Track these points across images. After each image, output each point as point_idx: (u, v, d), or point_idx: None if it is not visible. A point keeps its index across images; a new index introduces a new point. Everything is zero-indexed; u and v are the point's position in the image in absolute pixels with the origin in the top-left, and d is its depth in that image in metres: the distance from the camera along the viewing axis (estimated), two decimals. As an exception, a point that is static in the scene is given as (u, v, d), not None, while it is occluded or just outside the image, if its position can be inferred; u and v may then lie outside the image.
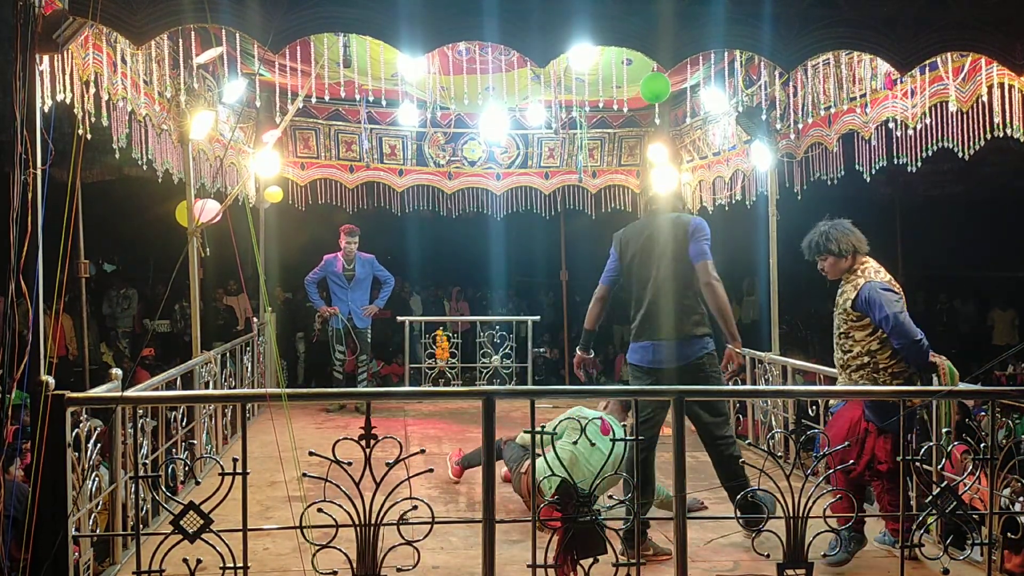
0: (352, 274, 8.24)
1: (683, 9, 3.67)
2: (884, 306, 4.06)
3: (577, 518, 3.40)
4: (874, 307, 4.09)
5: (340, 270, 8.23)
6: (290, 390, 3.84)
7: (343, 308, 8.20)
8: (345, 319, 8.15)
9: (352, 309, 8.22)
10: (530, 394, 4.23)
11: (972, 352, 13.42)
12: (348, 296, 8.23)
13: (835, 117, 5.73)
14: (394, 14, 3.51)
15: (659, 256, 4.36)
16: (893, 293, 4.14)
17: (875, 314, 4.09)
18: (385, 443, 3.36)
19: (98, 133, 4.40)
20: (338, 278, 8.24)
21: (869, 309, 4.11)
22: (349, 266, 8.24)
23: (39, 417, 3.25)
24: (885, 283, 4.17)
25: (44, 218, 3.35)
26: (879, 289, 4.11)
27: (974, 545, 3.82)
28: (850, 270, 4.27)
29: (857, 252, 4.30)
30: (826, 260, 4.32)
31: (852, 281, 4.23)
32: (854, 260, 4.29)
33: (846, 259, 4.29)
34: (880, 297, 4.08)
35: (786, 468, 3.58)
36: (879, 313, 4.07)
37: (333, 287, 8.29)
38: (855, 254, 4.29)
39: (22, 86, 3.32)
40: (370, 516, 3.29)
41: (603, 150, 9.15)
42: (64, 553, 3.29)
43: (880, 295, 4.09)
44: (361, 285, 8.31)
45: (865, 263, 4.28)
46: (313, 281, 8.36)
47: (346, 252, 8.23)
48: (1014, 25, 3.76)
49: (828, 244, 4.31)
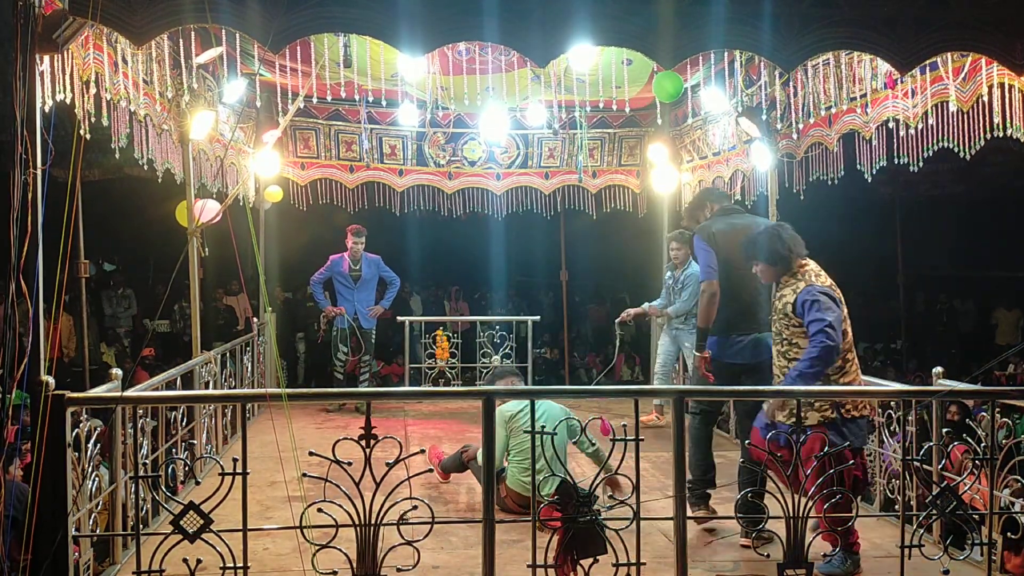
0: (358, 274, 8.23)
1: (683, 9, 3.67)
2: (819, 311, 3.93)
3: (577, 518, 3.40)
4: (809, 310, 3.96)
5: (346, 270, 8.22)
6: (290, 390, 3.84)
7: (349, 308, 8.18)
8: (351, 319, 8.15)
9: (358, 309, 8.22)
10: (530, 394, 4.25)
11: (973, 352, 13.44)
12: (354, 296, 8.22)
13: (835, 117, 5.73)
14: (394, 14, 3.51)
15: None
16: (830, 299, 4.01)
17: (807, 317, 3.96)
18: (385, 443, 3.36)
19: (98, 133, 4.40)
20: (344, 278, 8.23)
21: (804, 312, 3.98)
22: (355, 266, 8.23)
23: (39, 417, 3.25)
24: (825, 287, 4.05)
25: (44, 217, 3.36)
26: (817, 293, 3.99)
27: (974, 545, 3.82)
28: (790, 273, 4.15)
29: (793, 255, 4.14)
30: (759, 266, 4.19)
31: (792, 285, 4.10)
32: (792, 264, 4.14)
33: (778, 265, 4.14)
34: (818, 301, 3.96)
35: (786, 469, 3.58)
36: (811, 316, 3.94)
37: (339, 287, 8.28)
38: (792, 257, 4.14)
39: (22, 86, 3.32)
40: (370, 516, 3.29)
41: (603, 150, 9.15)
42: (64, 553, 3.29)
43: (818, 299, 3.97)
44: (367, 286, 8.30)
45: (806, 266, 4.14)
46: (319, 281, 8.34)
47: (353, 252, 8.22)
48: (1014, 25, 3.76)
49: (763, 248, 4.17)
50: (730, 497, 4.03)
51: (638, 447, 3.49)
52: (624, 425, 3.49)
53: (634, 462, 3.44)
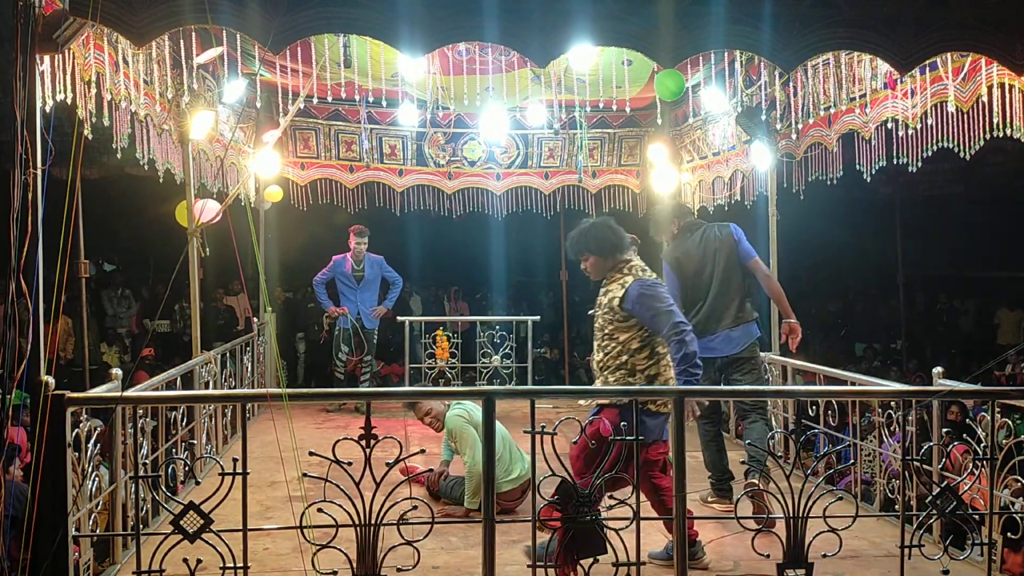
0: (361, 275, 8.25)
1: (683, 9, 3.67)
2: (654, 304, 3.93)
3: (577, 518, 3.40)
4: (643, 305, 3.94)
5: (349, 271, 8.23)
6: (290, 390, 3.84)
7: (352, 309, 8.20)
8: (354, 319, 8.16)
9: (361, 310, 8.24)
10: (530, 394, 4.24)
11: (974, 352, 13.44)
12: (357, 297, 8.24)
13: (835, 117, 5.74)
14: (394, 15, 3.51)
15: (713, 262, 5.14)
16: (662, 290, 4.03)
17: (644, 313, 3.95)
18: (385, 443, 3.36)
19: (98, 133, 4.40)
20: (347, 279, 8.24)
21: (638, 308, 3.96)
22: (359, 267, 8.25)
23: (39, 417, 3.25)
24: (654, 280, 4.06)
25: (44, 217, 3.36)
26: (648, 286, 3.98)
27: (974, 545, 3.82)
28: (616, 269, 4.10)
29: (619, 250, 4.11)
30: (588, 260, 4.18)
31: (619, 280, 4.05)
32: (617, 259, 4.11)
33: (609, 258, 4.11)
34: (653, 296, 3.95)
35: (786, 468, 3.59)
36: (648, 312, 3.94)
37: (342, 287, 8.29)
38: (618, 252, 4.11)
39: (22, 86, 3.32)
40: (370, 516, 3.29)
41: (603, 150, 9.15)
42: (64, 553, 3.29)
43: (651, 292, 3.96)
44: (370, 286, 8.32)
45: (631, 261, 4.11)
46: (322, 282, 8.35)
47: (356, 253, 8.23)
48: (1014, 25, 3.76)
49: (589, 243, 4.14)
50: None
51: (637, 447, 3.49)
52: (624, 425, 3.49)
53: (634, 462, 3.44)
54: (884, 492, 5.14)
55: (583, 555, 3.41)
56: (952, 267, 16.66)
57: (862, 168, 5.59)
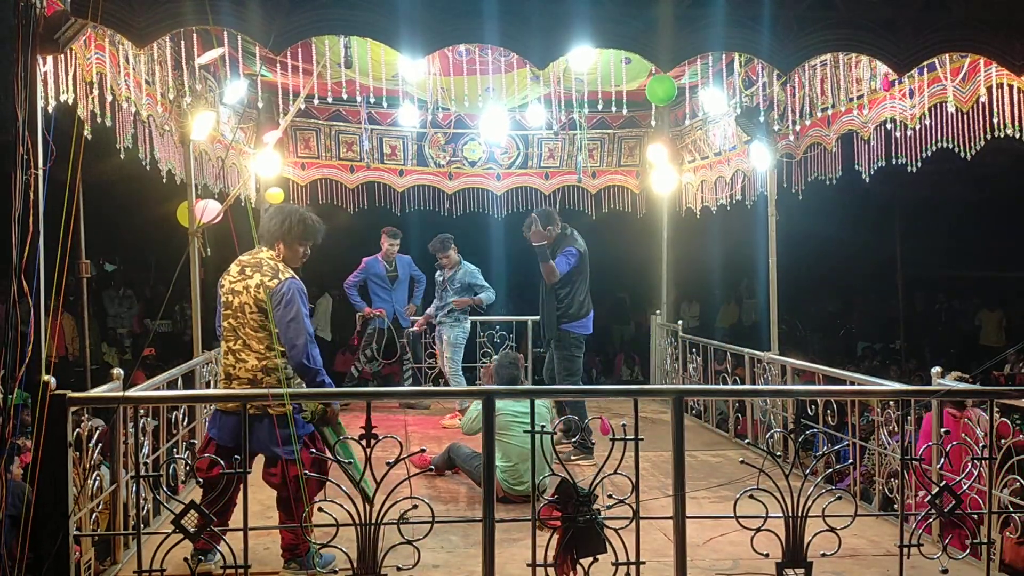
0: (395, 275, 8.33)
1: (682, 12, 3.68)
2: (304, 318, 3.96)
3: (577, 517, 3.41)
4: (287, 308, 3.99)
5: (383, 272, 8.30)
6: (291, 390, 3.85)
7: (388, 309, 8.26)
8: (390, 320, 8.21)
9: (396, 310, 8.32)
10: (530, 394, 4.26)
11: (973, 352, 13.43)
12: (392, 297, 8.31)
13: (834, 117, 5.74)
14: (395, 16, 3.52)
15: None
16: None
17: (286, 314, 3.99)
18: (385, 443, 3.37)
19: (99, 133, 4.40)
20: (381, 280, 8.30)
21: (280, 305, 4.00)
22: (391, 267, 8.33)
23: (40, 417, 3.26)
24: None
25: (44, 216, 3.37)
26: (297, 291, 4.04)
27: (973, 545, 3.83)
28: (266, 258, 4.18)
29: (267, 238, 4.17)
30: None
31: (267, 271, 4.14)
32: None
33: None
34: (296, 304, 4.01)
35: (785, 468, 3.60)
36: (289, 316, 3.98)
37: (375, 288, 8.33)
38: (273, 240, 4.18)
39: (23, 86, 3.33)
40: (370, 515, 3.30)
41: (603, 150, 9.16)
42: (65, 552, 3.30)
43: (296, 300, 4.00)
44: (403, 286, 8.43)
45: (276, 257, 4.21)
46: (354, 285, 8.39)
47: (387, 254, 8.32)
48: (1014, 25, 3.77)
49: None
50: (729, 496, 4.03)
51: (637, 447, 3.50)
52: (624, 424, 3.50)
53: (634, 462, 3.45)
54: (883, 492, 5.15)
55: (583, 554, 3.43)
56: (951, 267, 16.67)
57: (861, 168, 5.60)
